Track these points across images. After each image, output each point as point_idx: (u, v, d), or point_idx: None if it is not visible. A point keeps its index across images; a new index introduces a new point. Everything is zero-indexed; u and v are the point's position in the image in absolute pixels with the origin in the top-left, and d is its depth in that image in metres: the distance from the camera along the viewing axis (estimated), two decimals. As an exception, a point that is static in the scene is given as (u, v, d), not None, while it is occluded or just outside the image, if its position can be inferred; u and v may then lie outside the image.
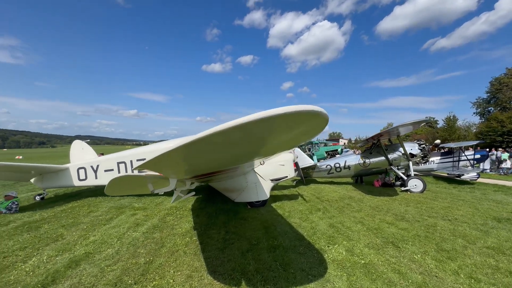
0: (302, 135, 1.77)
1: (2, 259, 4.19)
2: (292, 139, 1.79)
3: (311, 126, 1.57)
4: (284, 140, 1.72)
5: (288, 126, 1.38)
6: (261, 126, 1.23)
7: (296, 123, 1.37)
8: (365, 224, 5.95)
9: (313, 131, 1.71)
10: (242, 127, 1.16)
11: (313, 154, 18.80)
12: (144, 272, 3.75)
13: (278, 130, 1.39)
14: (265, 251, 4.47)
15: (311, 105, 1.32)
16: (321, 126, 1.67)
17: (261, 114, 1.15)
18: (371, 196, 9.10)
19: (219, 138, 1.22)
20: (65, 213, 7.02)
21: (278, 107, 1.24)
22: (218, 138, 1.22)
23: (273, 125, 1.27)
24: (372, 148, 11.40)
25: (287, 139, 1.71)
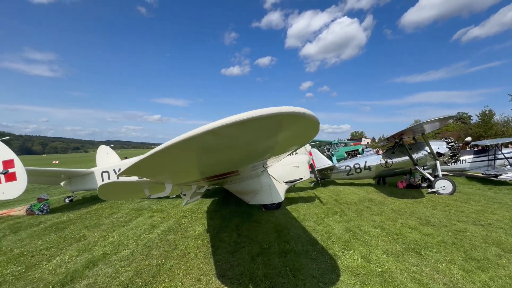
0: (291, 140, 1.67)
1: (30, 258, 4.51)
2: (280, 144, 1.69)
3: (299, 130, 1.47)
4: (269, 145, 1.62)
5: (269, 130, 1.29)
6: (236, 131, 1.16)
7: (277, 127, 1.28)
8: (385, 228, 5.60)
9: (303, 135, 1.60)
10: (214, 132, 1.10)
11: (332, 154, 18.23)
12: (155, 274, 3.83)
13: (258, 134, 1.32)
14: (276, 255, 4.36)
15: (296, 106, 1.23)
16: (311, 129, 1.55)
17: (233, 118, 1.09)
18: (393, 199, 8.59)
19: (191, 144, 1.18)
20: (90, 214, 7.44)
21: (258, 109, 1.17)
22: (190, 144, 1.17)
23: (249, 129, 1.20)
24: (394, 148, 10.78)
25: (273, 144, 1.61)
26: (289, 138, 1.57)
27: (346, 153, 19.30)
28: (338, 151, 18.78)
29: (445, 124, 8.64)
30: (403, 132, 8.69)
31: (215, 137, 1.13)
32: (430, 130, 9.37)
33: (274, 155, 2.16)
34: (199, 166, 1.53)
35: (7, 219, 7.10)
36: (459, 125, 40.89)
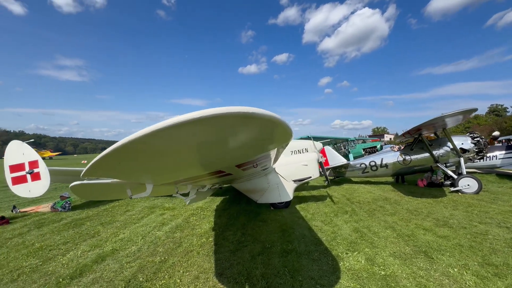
0: (255, 144, 1.60)
1: (48, 252, 4.85)
2: (242, 148, 1.62)
3: (257, 133, 1.40)
4: (228, 149, 1.56)
5: (215, 134, 1.24)
6: (177, 134, 1.13)
7: (225, 129, 1.24)
8: (396, 229, 5.31)
9: (268, 138, 1.53)
10: (154, 135, 1.08)
11: (349, 152, 17.62)
12: (157, 270, 3.94)
13: (203, 137, 1.27)
14: (277, 255, 4.31)
15: (243, 106, 1.18)
16: (275, 132, 1.49)
17: (172, 120, 1.06)
18: (410, 198, 8.13)
19: (138, 146, 1.17)
20: (106, 211, 7.85)
21: (200, 110, 1.13)
22: (137, 146, 1.16)
23: (190, 133, 1.16)
24: (413, 144, 10.18)
25: (233, 147, 1.55)
26: (250, 142, 1.51)
27: (364, 150, 18.56)
28: (355, 148, 18.08)
29: (469, 116, 7.98)
30: (420, 127, 8.15)
31: (157, 139, 1.12)
32: (452, 124, 8.71)
33: (243, 160, 2.11)
34: (159, 168, 1.53)
35: (34, 215, 7.70)
36: (493, 118, 37.75)
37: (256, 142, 1.60)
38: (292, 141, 9.77)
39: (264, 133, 1.47)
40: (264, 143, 1.73)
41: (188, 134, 1.16)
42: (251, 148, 1.76)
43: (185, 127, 1.09)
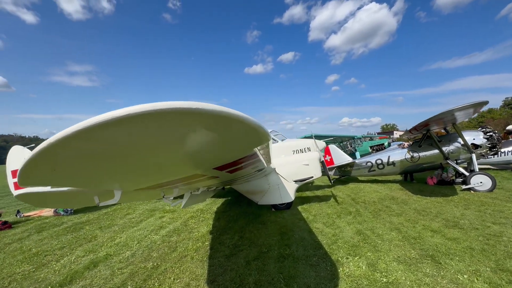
0: (215, 145, 1.41)
1: (43, 257, 4.80)
2: (200, 151, 1.43)
3: (214, 132, 1.22)
4: (182, 153, 1.37)
5: (156, 134, 1.06)
6: (104, 135, 0.96)
7: (167, 129, 1.05)
8: (402, 231, 5.01)
9: (231, 137, 1.34)
10: (76, 136, 0.92)
11: (355, 150, 17.14)
12: (148, 277, 3.81)
13: (144, 139, 1.09)
14: (273, 260, 4.10)
15: (183, 101, 0.99)
16: (238, 131, 1.31)
17: (91, 120, 0.89)
18: (419, 197, 7.76)
19: (63, 151, 1.01)
20: (107, 215, 7.83)
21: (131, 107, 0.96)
22: (62, 150, 1.00)
23: (122, 133, 0.99)
24: (422, 140, 9.75)
25: (188, 151, 1.36)
26: (208, 142, 1.32)
27: (371, 147, 18.03)
28: (361, 146, 17.56)
29: (480, 110, 7.54)
30: (428, 123, 7.75)
31: (82, 142, 0.95)
32: (462, 118, 8.27)
33: (219, 162, 1.93)
34: (109, 174, 1.36)
35: (37, 219, 7.76)
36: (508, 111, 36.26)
37: (219, 142, 1.42)
38: (294, 140, 9.54)
39: (225, 132, 1.28)
40: (231, 143, 1.55)
41: (121, 135, 0.98)
42: (217, 150, 1.58)
43: (113, 127, 0.91)
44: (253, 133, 1.47)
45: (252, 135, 1.49)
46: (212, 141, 1.36)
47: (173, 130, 1.07)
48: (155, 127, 1.01)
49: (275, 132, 9.69)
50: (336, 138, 17.07)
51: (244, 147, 1.81)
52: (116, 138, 1.00)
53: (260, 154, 2.88)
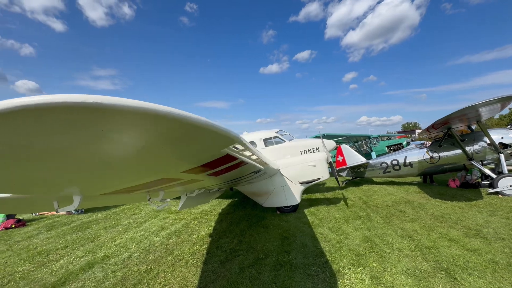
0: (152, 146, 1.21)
1: (45, 256, 4.89)
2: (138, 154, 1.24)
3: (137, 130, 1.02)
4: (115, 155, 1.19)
5: (63, 130, 0.88)
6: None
7: (63, 125, 0.86)
8: (415, 239, 4.56)
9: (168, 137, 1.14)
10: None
11: (371, 149, 16.30)
12: (138, 282, 3.70)
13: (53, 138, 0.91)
14: (269, 268, 3.85)
15: (73, 94, 0.80)
16: (182, 133, 1.10)
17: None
18: (438, 201, 7.14)
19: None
20: (114, 215, 7.94)
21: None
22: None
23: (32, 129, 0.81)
24: (442, 139, 9.01)
25: (122, 153, 1.14)
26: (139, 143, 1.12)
27: (388, 147, 17.08)
28: (378, 145, 16.65)
29: (507, 106, 6.78)
30: (447, 120, 7.09)
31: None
32: (488, 115, 7.51)
33: (186, 166, 1.77)
34: (43, 178, 1.22)
35: (50, 217, 8.04)
36: (545, 107, 33.19)
37: (172, 146, 1.24)
38: (302, 140, 9.20)
39: (178, 136, 1.11)
40: (188, 147, 1.37)
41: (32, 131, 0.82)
42: (172, 154, 1.41)
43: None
44: (212, 135, 1.30)
45: (212, 137, 1.33)
46: (165, 145, 1.19)
47: (97, 129, 0.89)
48: (60, 122, 0.83)
49: (283, 131, 9.41)
50: (350, 137, 16.34)
51: (207, 150, 1.61)
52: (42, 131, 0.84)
53: (246, 156, 2.66)
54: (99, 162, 1.22)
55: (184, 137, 1.25)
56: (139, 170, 1.51)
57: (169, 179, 2.08)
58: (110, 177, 1.50)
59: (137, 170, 1.51)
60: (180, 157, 1.54)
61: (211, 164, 2.00)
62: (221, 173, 2.58)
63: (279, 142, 9.02)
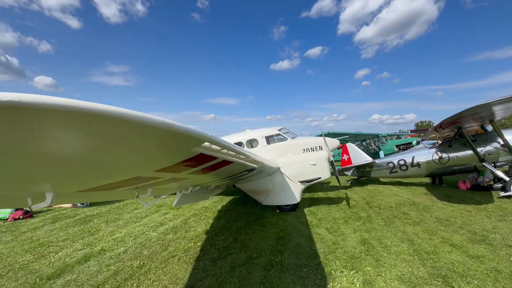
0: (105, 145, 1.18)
1: (46, 248, 5.03)
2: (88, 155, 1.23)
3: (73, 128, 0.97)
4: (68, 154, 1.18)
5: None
6: None
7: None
8: (415, 243, 4.39)
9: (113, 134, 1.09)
10: None
11: (379, 148, 15.86)
12: (129, 277, 3.74)
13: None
14: (260, 268, 3.80)
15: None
16: (144, 135, 1.07)
17: None
18: (445, 203, 6.86)
19: None
20: (118, 209, 8.11)
21: None
22: None
23: None
24: (452, 139, 8.62)
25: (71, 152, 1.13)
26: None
27: (397, 146, 16.58)
28: (386, 144, 16.18)
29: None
30: (456, 120, 6.75)
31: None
32: (503, 114, 7.08)
33: (159, 165, 1.76)
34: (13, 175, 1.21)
35: (57, 210, 8.29)
36: None
37: (134, 146, 1.23)
38: (305, 138, 9.04)
39: (138, 137, 1.09)
40: (151, 148, 1.36)
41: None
42: (137, 154, 1.38)
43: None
44: (172, 136, 1.27)
45: (173, 138, 1.31)
46: (116, 146, 1.15)
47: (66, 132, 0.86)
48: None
49: (285, 129, 9.28)
50: (358, 136, 15.95)
51: (172, 151, 1.57)
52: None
53: (232, 155, 2.59)
54: (48, 161, 1.19)
55: (137, 137, 1.20)
56: (100, 169, 1.48)
57: (145, 178, 2.05)
58: (70, 175, 1.48)
59: (97, 169, 1.48)
60: (143, 158, 1.49)
61: (186, 163, 1.94)
62: (205, 171, 2.53)
63: (282, 140, 8.90)
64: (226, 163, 2.66)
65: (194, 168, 2.27)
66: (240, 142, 8.81)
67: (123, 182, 1.97)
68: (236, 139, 8.90)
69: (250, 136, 8.90)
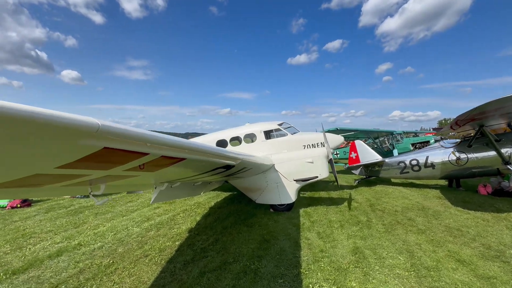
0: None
1: (27, 239, 4.97)
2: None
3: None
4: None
5: None
6: None
7: None
8: (415, 256, 3.82)
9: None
10: None
11: (393, 147, 14.80)
12: (92, 277, 3.51)
13: None
14: (231, 275, 3.43)
15: None
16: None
17: None
18: (459, 210, 6.10)
19: None
20: (114, 201, 8.06)
21: None
22: None
23: None
24: (473, 138, 7.71)
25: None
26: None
27: (413, 145, 15.40)
28: (401, 142, 15.04)
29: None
30: (477, 115, 5.89)
31: None
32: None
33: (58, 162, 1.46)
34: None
35: (55, 200, 8.39)
36: None
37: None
38: (307, 134, 8.49)
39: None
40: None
41: None
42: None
43: None
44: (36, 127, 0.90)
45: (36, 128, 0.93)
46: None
47: None
48: None
49: (287, 124, 8.77)
50: (370, 132, 14.92)
51: (49, 144, 1.22)
52: None
53: (176, 150, 2.21)
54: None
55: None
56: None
57: (48, 175, 1.73)
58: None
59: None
60: (24, 154, 1.17)
61: (94, 158, 1.58)
62: (144, 169, 2.17)
63: (282, 135, 8.41)
64: (175, 159, 2.28)
65: (123, 165, 1.91)
66: (238, 136, 8.43)
67: (24, 179, 1.66)
68: (234, 134, 8.52)
69: (248, 130, 8.48)
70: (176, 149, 2.14)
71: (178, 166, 2.56)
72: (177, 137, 2.44)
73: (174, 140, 2.03)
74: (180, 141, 2.13)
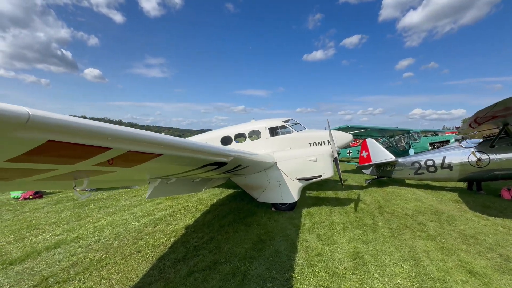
0: None
1: (31, 230, 5.11)
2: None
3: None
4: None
5: None
6: None
7: None
8: (421, 264, 3.50)
9: None
10: None
11: (410, 146, 13.99)
12: (82, 271, 3.50)
13: None
14: (219, 276, 3.30)
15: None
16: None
17: None
18: (477, 215, 5.61)
19: None
20: (119, 195, 8.20)
21: None
22: None
23: None
24: (496, 138, 7.06)
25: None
26: None
27: (431, 144, 14.48)
28: (419, 142, 14.15)
29: None
30: (499, 112, 5.32)
31: None
32: None
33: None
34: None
35: (65, 192, 8.66)
36: None
37: None
38: (313, 131, 8.19)
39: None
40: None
41: None
42: None
43: None
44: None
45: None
46: None
47: None
48: None
49: (293, 121, 8.51)
50: (384, 131, 14.17)
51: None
52: None
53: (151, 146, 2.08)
54: None
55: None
56: None
57: (1, 169, 1.64)
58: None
59: None
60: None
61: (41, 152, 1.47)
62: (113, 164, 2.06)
63: (288, 132, 8.16)
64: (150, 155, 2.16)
65: (87, 160, 1.80)
66: (242, 133, 8.29)
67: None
68: (239, 130, 8.39)
69: (253, 127, 8.31)
70: (146, 144, 2.01)
71: (157, 161, 2.43)
72: (154, 132, 2.32)
73: (141, 135, 1.90)
74: (150, 136, 1.99)
